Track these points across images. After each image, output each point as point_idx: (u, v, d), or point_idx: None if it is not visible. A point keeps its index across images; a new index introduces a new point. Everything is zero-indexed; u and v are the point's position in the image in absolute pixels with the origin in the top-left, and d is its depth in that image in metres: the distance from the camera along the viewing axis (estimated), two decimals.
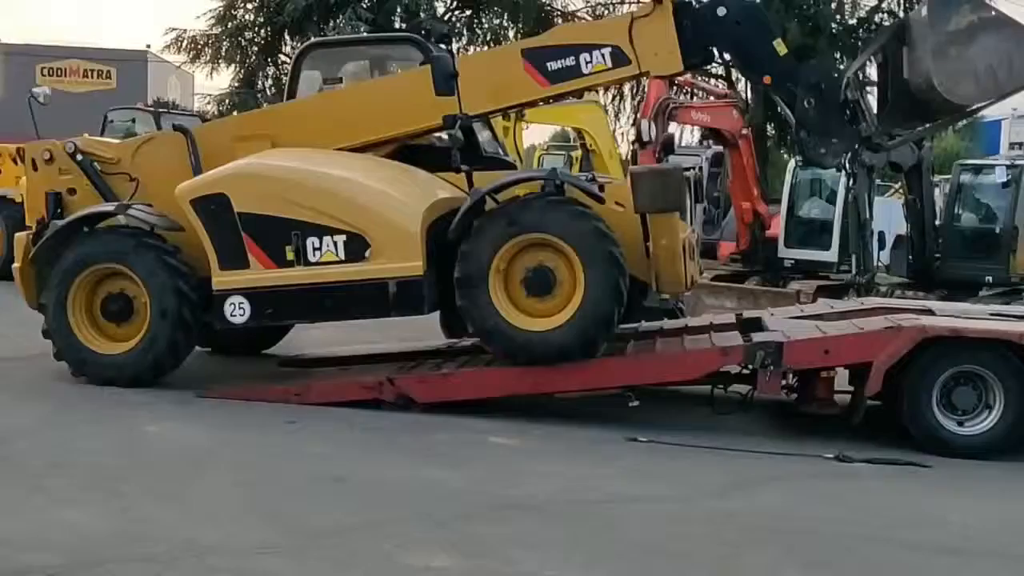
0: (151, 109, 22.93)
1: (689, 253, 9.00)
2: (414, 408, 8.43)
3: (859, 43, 25.77)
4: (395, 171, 9.19)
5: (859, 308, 9.82)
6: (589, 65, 8.97)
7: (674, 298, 11.49)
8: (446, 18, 31.23)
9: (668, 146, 15.56)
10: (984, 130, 43.94)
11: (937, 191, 18.41)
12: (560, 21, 29.30)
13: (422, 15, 29.40)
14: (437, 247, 8.46)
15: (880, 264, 17.16)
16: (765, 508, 6.60)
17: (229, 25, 30.49)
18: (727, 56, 9.53)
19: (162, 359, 8.83)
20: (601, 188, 8.78)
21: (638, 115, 23.91)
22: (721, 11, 8.91)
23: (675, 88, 18.56)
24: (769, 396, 8.57)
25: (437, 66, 8.60)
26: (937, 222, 16.97)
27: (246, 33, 30.48)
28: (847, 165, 15.60)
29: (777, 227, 18.12)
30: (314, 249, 8.44)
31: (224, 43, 30.47)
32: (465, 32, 31.12)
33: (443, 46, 8.76)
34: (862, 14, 29.89)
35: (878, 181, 18.76)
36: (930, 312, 8.99)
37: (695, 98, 21.27)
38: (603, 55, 8.94)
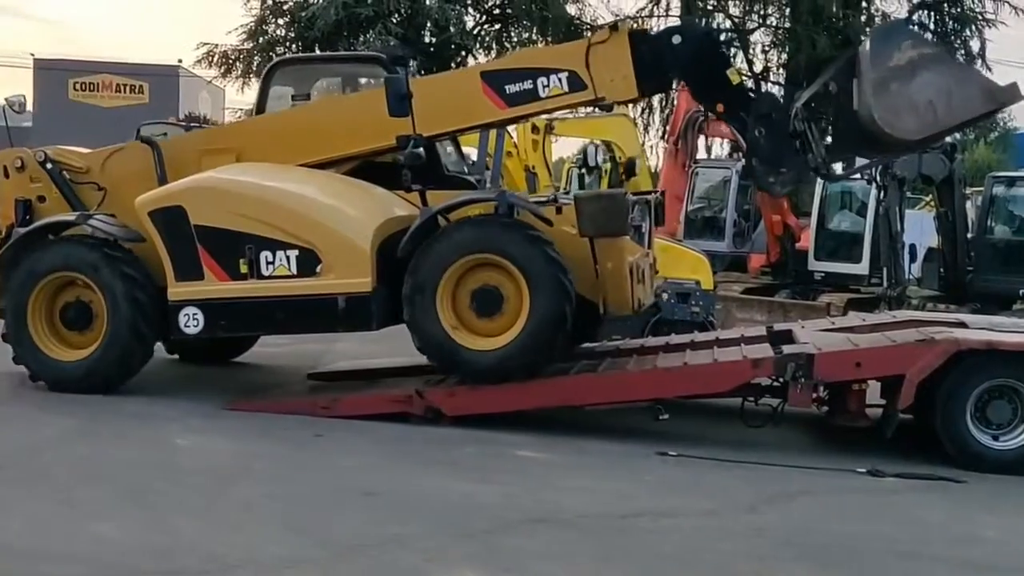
0: (183, 123, 23.05)
1: (638, 276, 8.90)
2: (443, 421, 8.41)
3: None
4: (351, 188, 9.22)
5: (891, 321, 9.74)
6: (546, 89, 9.02)
7: (704, 311, 11.48)
8: (475, 32, 31.32)
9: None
10: (1017, 142, 43.66)
11: (969, 203, 18.27)
12: (590, 34, 29.31)
13: (452, 29, 29.52)
14: (391, 264, 8.47)
15: (911, 277, 17.06)
16: (796, 523, 6.54)
17: (260, 40, 30.76)
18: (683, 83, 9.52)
19: (118, 367, 8.88)
20: (559, 210, 8.76)
21: (667, 128, 23.91)
22: (676, 39, 8.94)
23: None
24: (800, 409, 8.51)
25: (390, 87, 8.66)
26: (969, 235, 16.84)
27: (277, 48, 30.67)
28: (878, 177, 15.60)
29: (807, 240, 18.02)
30: (267, 263, 8.54)
31: (255, 58, 30.74)
32: (494, 46, 31.17)
33: (399, 68, 8.83)
34: None
35: (909, 193, 18.65)
36: (963, 325, 8.89)
37: None
38: (560, 79, 8.99)
